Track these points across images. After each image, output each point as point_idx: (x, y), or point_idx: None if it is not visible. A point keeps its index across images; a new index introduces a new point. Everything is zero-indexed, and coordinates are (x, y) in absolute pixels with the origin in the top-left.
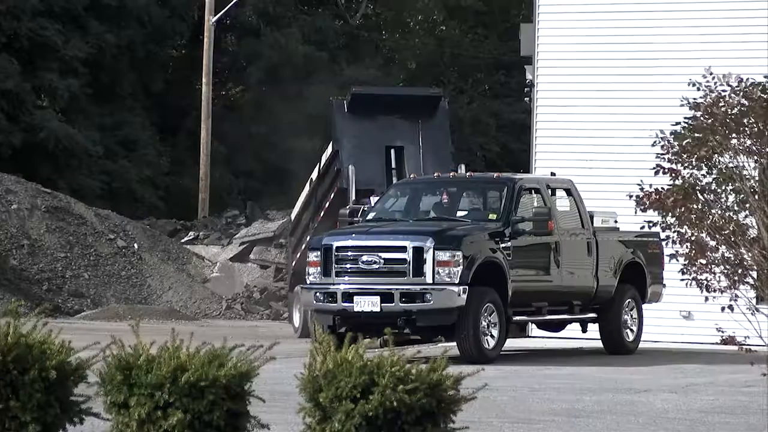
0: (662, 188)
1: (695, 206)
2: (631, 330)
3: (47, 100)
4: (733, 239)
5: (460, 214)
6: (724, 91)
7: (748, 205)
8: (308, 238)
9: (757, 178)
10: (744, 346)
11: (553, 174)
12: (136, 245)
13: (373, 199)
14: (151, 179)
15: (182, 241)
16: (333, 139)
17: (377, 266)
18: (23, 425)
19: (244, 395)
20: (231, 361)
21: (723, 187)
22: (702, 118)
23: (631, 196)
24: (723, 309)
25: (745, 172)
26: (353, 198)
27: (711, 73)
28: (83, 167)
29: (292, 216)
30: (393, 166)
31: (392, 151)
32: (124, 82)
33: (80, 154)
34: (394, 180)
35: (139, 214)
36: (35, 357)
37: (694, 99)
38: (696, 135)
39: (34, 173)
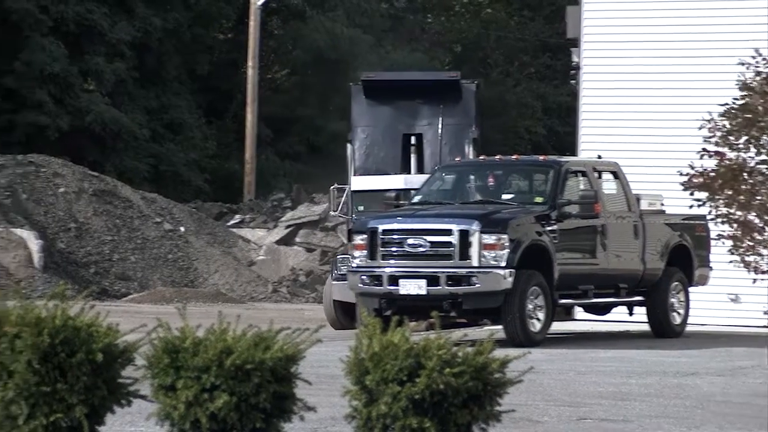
0: (707, 169)
1: (743, 187)
2: (678, 313)
3: (94, 83)
4: None
5: (506, 197)
6: None
7: None
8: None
9: None
10: None
11: (599, 157)
12: (182, 228)
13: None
14: (197, 162)
15: (228, 224)
16: (350, 126)
17: (423, 249)
18: (70, 407)
19: (290, 378)
20: (277, 344)
21: None
22: (751, 99)
23: (680, 173)
24: None
25: None
26: (352, 177)
27: (760, 54)
28: (130, 150)
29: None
30: (411, 153)
31: (412, 138)
32: (170, 65)
33: (127, 137)
34: (412, 168)
35: (185, 197)
36: (82, 340)
37: (746, 80)
38: (746, 116)
39: (81, 156)
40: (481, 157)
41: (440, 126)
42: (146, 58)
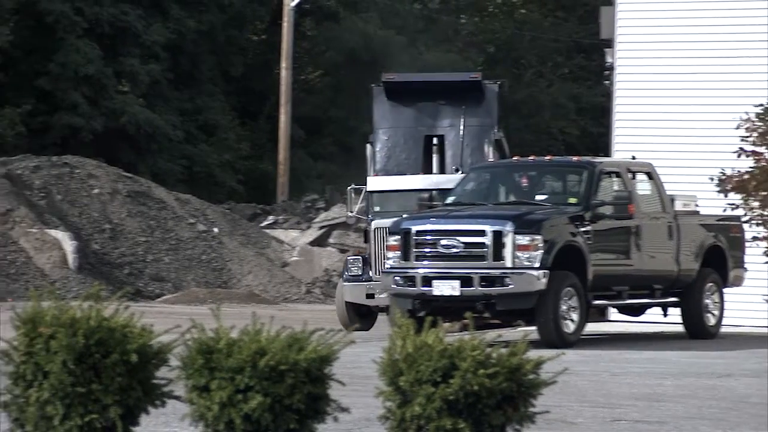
0: (740, 171)
1: None
2: (713, 314)
3: (128, 85)
4: None
5: (539, 198)
6: None
7: None
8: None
9: None
10: None
11: (633, 157)
12: (216, 229)
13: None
14: (231, 163)
15: (262, 225)
16: (372, 128)
17: (456, 250)
18: (105, 408)
19: (324, 379)
20: (311, 344)
21: None
22: None
23: (712, 179)
24: None
25: None
26: (371, 176)
27: None
28: (164, 152)
29: None
30: (434, 155)
31: (434, 139)
32: (204, 66)
33: (161, 138)
34: (434, 170)
35: (219, 198)
36: (117, 340)
37: None
38: None
39: (116, 158)
40: (514, 158)
41: (462, 127)
42: (180, 60)
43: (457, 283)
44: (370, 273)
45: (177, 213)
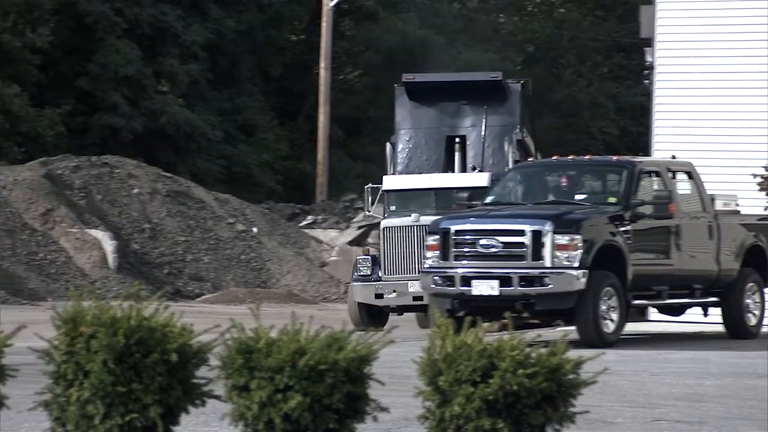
0: None
1: None
2: (754, 314)
3: (168, 85)
4: None
5: (579, 197)
6: None
7: None
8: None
9: None
10: None
11: (673, 157)
12: (255, 229)
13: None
14: (270, 163)
15: (300, 225)
16: (394, 128)
17: (495, 250)
18: (146, 407)
19: (363, 378)
20: (350, 344)
21: None
22: None
23: (755, 176)
24: None
25: None
26: (384, 177)
27: None
28: (203, 152)
29: None
30: (456, 155)
31: (456, 140)
32: (243, 67)
33: (200, 138)
34: (456, 170)
35: (258, 198)
36: (157, 340)
37: None
38: None
39: (155, 158)
40: (554, 158)
41: (484, 127)
42: (219, 60)
43: (496, 283)
44: (380, 273)
45: (216, 213)
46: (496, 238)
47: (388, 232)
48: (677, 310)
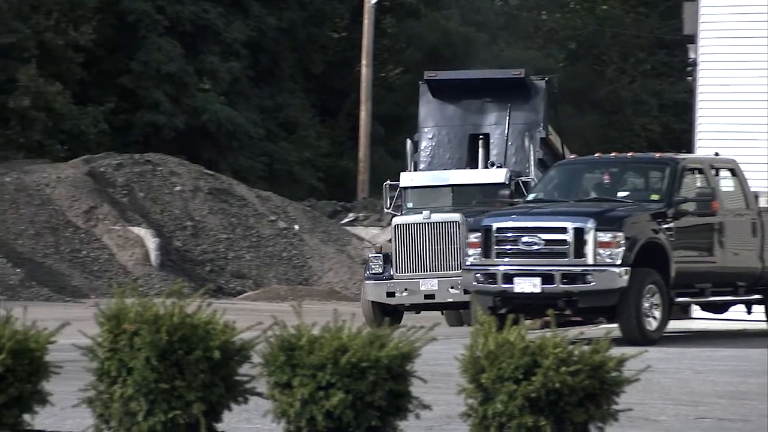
0: None
1: None
2: None
3: (209, 82)
4: None
5: (621, 194)
6: None
7: None
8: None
9: None
10: None
11: (716, 154)
12: (296, 226)
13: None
14: (311, 161)
15: (342, 222)
16: (417, 125)
17: (537, 247)
18: (189, 404)
19: (405, 376)
20: (392, 341)
21: None
22: None
23: None
24: None
25: None
26: (411, 171)
27: None
28: (245, 149)
29: None
30: (480, 153)
31: (479, 138)
32: (284, 64)
33: (242, 136)
34: (479, 168)
35: (300, 195)
36: (200, 337)
37: None
38: None
39: (197, 155)
40: (596, 155)
41: (507, 125)
42: (261, 57)
43: (538, 281)
44: (392, 271)
45: (258, 210)
46: (538, 235)
47: (399, 230)
48: (720, 308)
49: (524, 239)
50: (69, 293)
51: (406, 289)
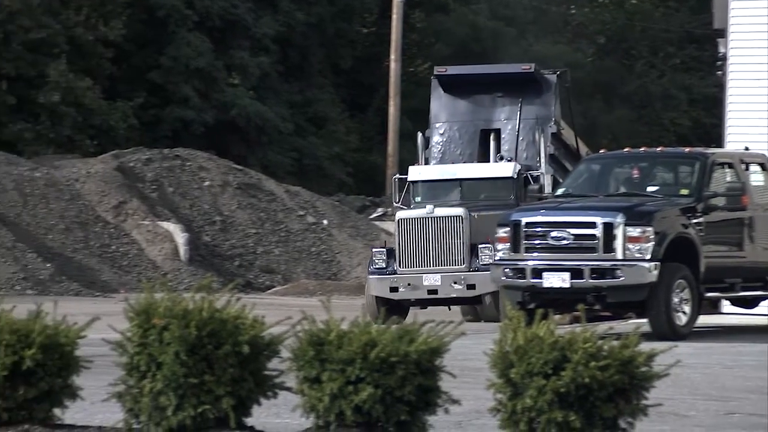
0: None
1: None
2: None
3: (238, 77)
4: None
5: (650, 189)
6: None
7: None
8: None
9: None
10: None
11: (746, 148)
12: (325, 221)
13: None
14: (340, 156)
15: (371, 217)
16: (429, 120)
17: (567, 242)
18: (218, 399)
19: (434, 370)
20: (421, 336)
21: None
22: None
23: None
24: None
25: None
26: (410, 167)
27: None
28: (273, 144)
29: None
30: (491, 147)
31: (491, 134)
32: (313, 59)
33: (271, 131)
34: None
35: (328, 190)
36: (229, 332)
37: None
38: None
39: (226, 150)
40: (625, 149)
41: (518, 120)
42: (290, 52)
43: (567, 275)
44: (395, 266)
45: (287, 205)
46: (567, 230)
47: (402, 224)
48: (750, 303)
49: (553, 234)
50: (98, 288)
51: (409, 284)
